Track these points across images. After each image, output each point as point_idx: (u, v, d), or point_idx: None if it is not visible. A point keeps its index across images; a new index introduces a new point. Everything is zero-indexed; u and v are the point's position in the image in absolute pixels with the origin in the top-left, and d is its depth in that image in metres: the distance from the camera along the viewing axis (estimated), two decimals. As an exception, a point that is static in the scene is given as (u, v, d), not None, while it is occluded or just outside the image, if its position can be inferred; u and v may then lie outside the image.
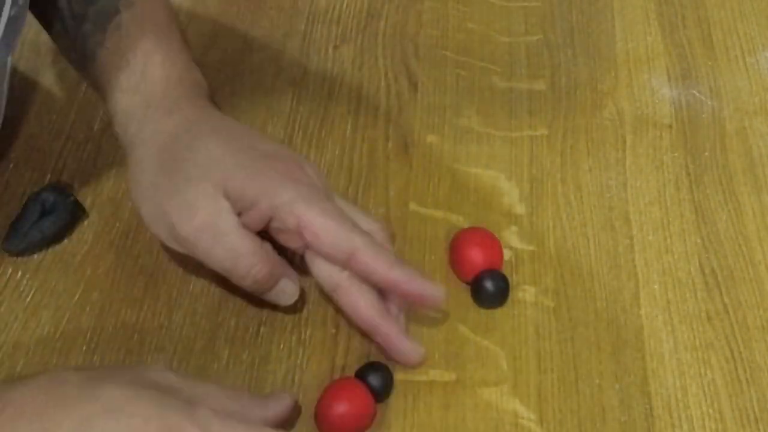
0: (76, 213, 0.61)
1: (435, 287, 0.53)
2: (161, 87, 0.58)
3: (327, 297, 0.57)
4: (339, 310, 0.56)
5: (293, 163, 0.55)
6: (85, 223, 0.62)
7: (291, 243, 0.54)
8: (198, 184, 0.53)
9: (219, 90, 0.69)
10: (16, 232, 0.60)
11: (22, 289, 0.58)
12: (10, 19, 0.52)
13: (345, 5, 0.76)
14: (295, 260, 0.57)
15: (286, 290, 0.55)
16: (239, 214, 0.53)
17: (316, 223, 0.52)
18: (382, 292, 0.55)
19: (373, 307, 0.53)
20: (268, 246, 0.54)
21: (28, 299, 0.58)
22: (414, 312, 0.57)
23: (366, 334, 0.55)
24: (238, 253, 0.53)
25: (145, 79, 0.58)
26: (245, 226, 0.53)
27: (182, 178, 0.54)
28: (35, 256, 0.60)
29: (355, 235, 0.52)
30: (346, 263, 0.53)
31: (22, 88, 0.70)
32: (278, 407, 0.50)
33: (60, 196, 0.61)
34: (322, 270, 0.54)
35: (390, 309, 0.55)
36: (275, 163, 0.54)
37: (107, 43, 0.59)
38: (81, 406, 0.43)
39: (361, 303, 0.53)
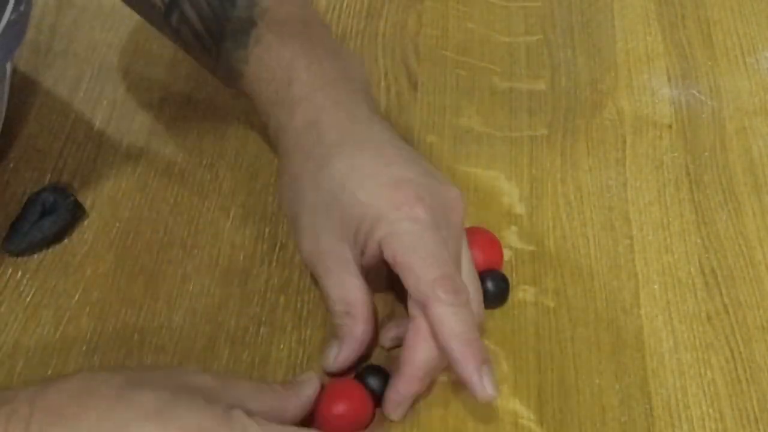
0: (76, 213, 0.61)
1: (484, 386, 0.49)
2: (306, 93, 0.57)
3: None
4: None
5: (412, 191, 0.52)
6: (85, 223, 0.62)
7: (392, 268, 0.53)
8: (319, 215, 0.54)
9: (220, 90, 0.69)
10: (16, 232, 0.60)
11: (22, 289, 0.58)
12: (9, 23, 0.52)
13: (345, 5, 0.76)
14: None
15: (332, 354, 0.54)
16: (361, 251, 0.53)
17: (407, 264, 0.51)
18: None
19: (459, 332, 0.50)
20: (360, 302, 0.53)
21: (28, 299, 0.58)
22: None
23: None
24: (347, 298, 0.53)
25: (291, 90, 0.57)
26: (364, 259, 0.53)
27: (310, 206, 0.54)
28: (35, 256, 0.60)
29: (438, 288, 0.50)
30: (420, 308, 0.51)
31: (22, 88, 0.70)
32: (310, 390, 0.50)
33: (60, 196, 0.61)
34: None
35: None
36: (392, 191, 0.52)
37: (251, 59, 0.58)
38: (117, 411, 0.42)
39: (446, 322, 0.50)
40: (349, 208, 0.53)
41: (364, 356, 0.54)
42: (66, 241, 0.61)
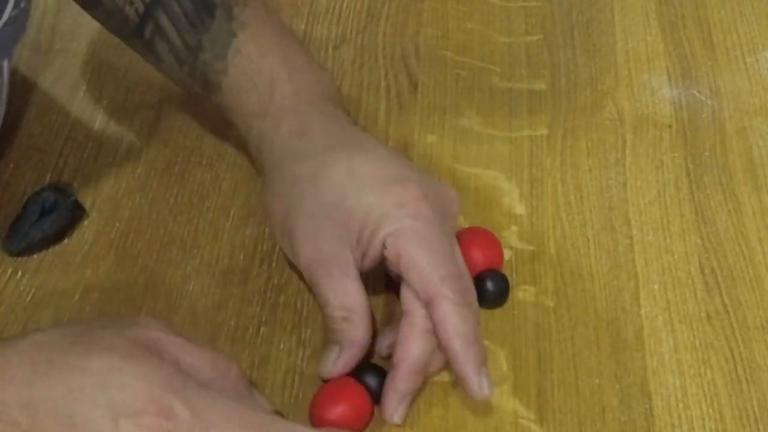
0: (76, 213, 0.61)
1: (482, 385, 0.50)
2: (291, 103, 0.57)
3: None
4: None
5: (418, 190, 0.53)
6: (85, 223, 0.62)
7: (394, 271, 0.53)
8: (319, 222, 0.53)
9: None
10: (16, 232, 0.60)
11: (22, 289, 0.58)
12: (9, 19, 0.52)
13: (345, 5, 0.76)
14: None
15: (330, 359, 0.53)
16: (363, 254, 0.53)
17: (413, 262, 0.51)
18: None
19: (461, 332, 0.50)
20: (360, 309, 0.52)
21: (28, 299, 0.58)
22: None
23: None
24: (331, 302, 0.52)
25: (274, 100, 0.57)
26: (364, 262, 0.53)
27: (308, 214, 0.53)
28: (35, 256, 0.60)
29: (443, 286, 0.50)
30: (425, 305, 0.51)
31: (22, 88, 0.70)
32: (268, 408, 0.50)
33: (60, 196, 0.61)
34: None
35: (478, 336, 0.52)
36: (396, 190, 0.53)
37: (230, 71, 0.58)
38: (68, 376, 0.43)
39: (449, 322, 0.50)
40: (353, 210, 0.52)
41: (363, 360, 0.54)
42: (66, 241, 0.61)
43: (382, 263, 0.53)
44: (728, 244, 0.60)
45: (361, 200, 0.52)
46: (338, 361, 0.52)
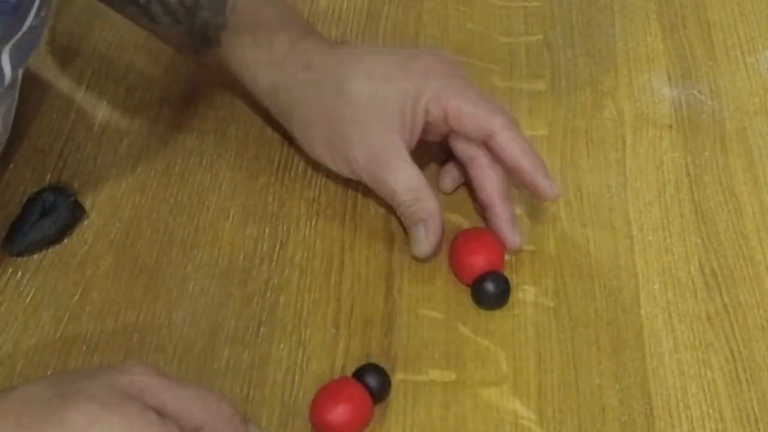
0: (77, 213, 0.61)
1: (553, 185, 0.58)
2: (290, 47, 0.61)
3: (328, 297, 0.58)
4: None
5: (430, 58, 0.60)
6: (85, 223, 0.62)
7: (436, 132, 0.60)
8: (362, 123, 0.58)
9: (220, 90, 0.69)
10: (16, 232, 0.60)
11: (22, 289, 0.58)
12: (30, 28, 0.51)
13: (345, 5, 0.76)
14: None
15: (419, 237, 0.58)
16: (406, 138, 0.58)
17: (461, 111, 0.57)
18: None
19: (498, 188, 0.59)
20: (424, 186, 0.58)
21: (28, 299, 0.58)
22: (414, 310, 0.57)
23: (481, 208, 0.61)
24: (397, 188, 0.58)
25: (274, 48, 0.61)
26: (412, 141, 0.59)
27: (349, 121, 0.58)
28: (35, 256, 0.60)
29: (495, 118, 0.57)
30: (484, 143, 0.58)
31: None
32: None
33: (60, 196, 0.61)
34: (462, 143, 0.60)
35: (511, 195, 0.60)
36: (415, 65, 0.59)
37: (229, 25, 0.61)
38: (51, 428, 0.42)
39: (488, 180, 0.59)
40: (388, 99, 0.58)
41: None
42: (66, 241, 0.61)
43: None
44: (728, 244, 0.60)
45: (391, 87, 0.58)
46: (429, 235, 0.58)
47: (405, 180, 0.58)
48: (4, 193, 0.63)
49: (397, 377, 0.54)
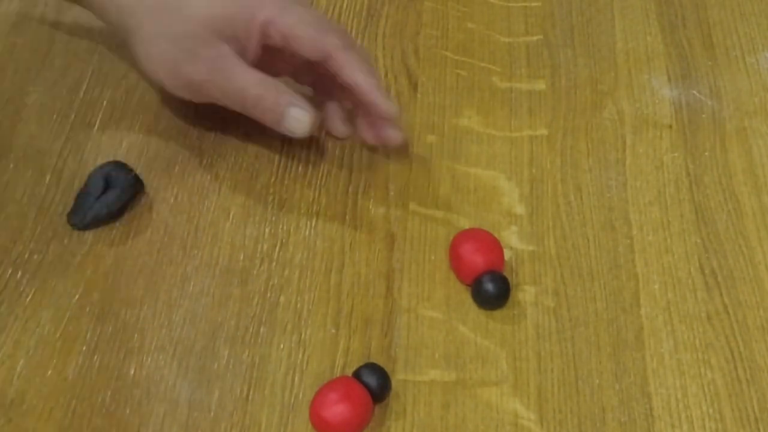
0: (137, 187, 0.62)
1: (389, 104, 0.60)
2: None
3: (328, 297, 0.58)
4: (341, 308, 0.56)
5: None
6: (85, 223, 0.62)
7: (291, 63, 0.62)
8: (200, 36, 0.59)
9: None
10: (81, 206, 0.60)
11: (22, 289, 0.58)
12: None
13: (345, 5, 0.76)
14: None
15: (298, 117, 0.59)
16: (242, 54, 0.59)
17: (296, 33, 0.59)
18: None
19: (358, 67, 0.59)
20: (272, 79, 0.60)
21: (28, 299, 0.58)
22: (414, 310, 0.57)
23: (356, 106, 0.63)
24: (246, 85, 0.59)
25: None
26: (250, 62, 0.60)
27: (190, 36, 0.59)
28: (35, 256, 0.60)
29: (330, 38, 0.59)
30: (324, 63, 0.59)
31: (23, 88, 0.70)
32: None
33: (121, 171, 0.62)
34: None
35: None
36: None
37: None
38: None
39: (345, 65, 0.59)
40: (224, 15, 0.59)
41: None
42: (66, 240, 0.61)
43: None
44: (728, 244, 0.60)
45: (226, 6, 0.59)
46: (304, 106, 0.59)
47: (251, 74, 0.59)
48: (4, 193, 0.63)
49: (397, 377, 0.54)
